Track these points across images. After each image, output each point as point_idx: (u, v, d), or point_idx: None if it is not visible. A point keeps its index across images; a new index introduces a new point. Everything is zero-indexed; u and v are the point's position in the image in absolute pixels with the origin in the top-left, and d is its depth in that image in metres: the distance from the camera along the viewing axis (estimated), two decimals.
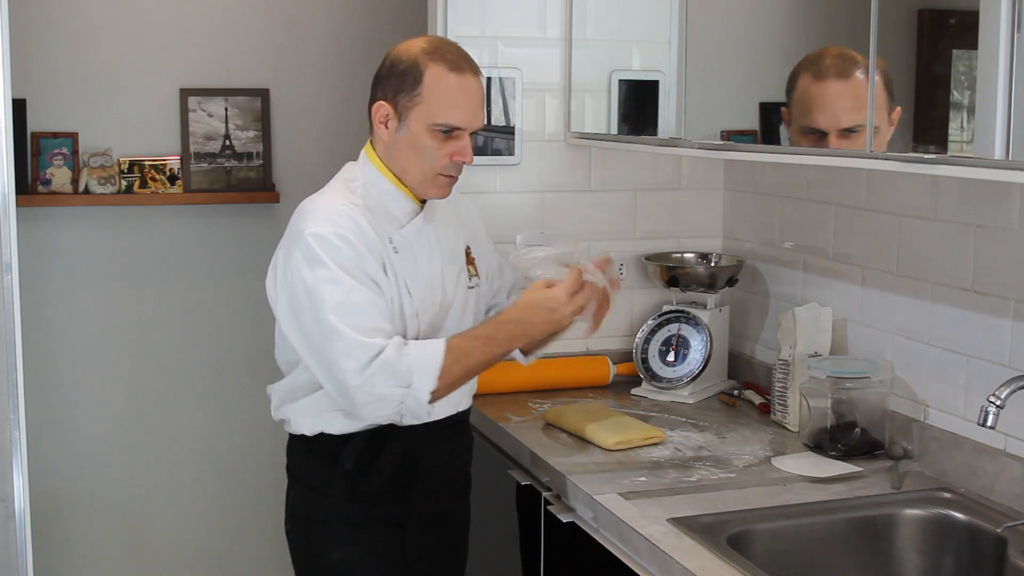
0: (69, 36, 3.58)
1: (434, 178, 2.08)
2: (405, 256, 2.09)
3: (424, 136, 2.05)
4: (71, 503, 3.72)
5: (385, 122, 2.08)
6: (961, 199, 2.13)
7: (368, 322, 1.97)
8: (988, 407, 1.78)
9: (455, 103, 2.04)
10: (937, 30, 1.81)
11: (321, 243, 1.99)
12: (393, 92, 2.07)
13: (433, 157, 2.06)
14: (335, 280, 1.97)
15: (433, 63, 2.03)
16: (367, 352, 1.94)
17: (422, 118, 2.04)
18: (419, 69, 2.04)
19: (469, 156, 2.07)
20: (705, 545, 1.81)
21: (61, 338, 3.67)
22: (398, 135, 2.07)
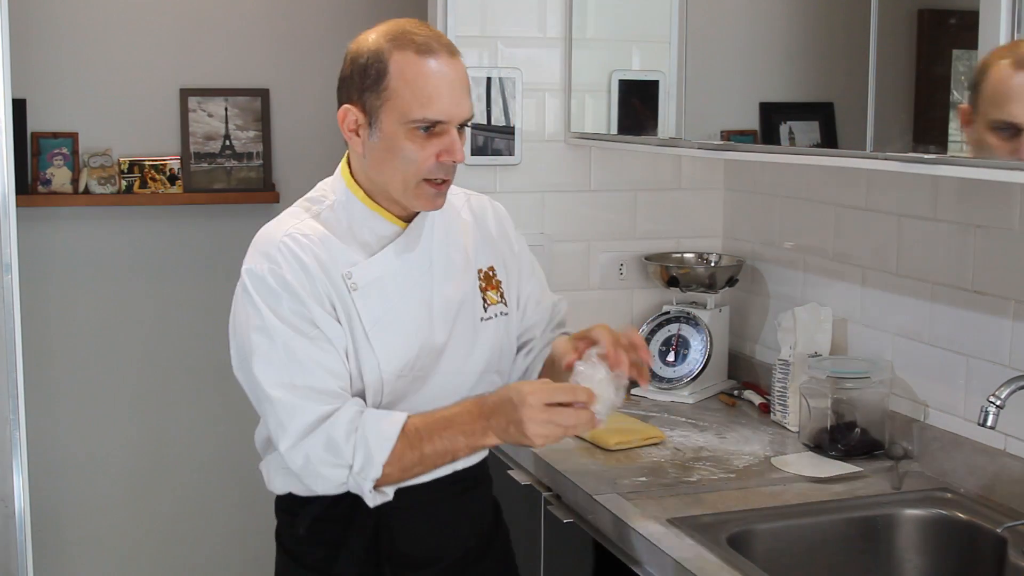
0: (69, 36, 3.58)
1: (418, 186, 1.73)
2: (368, 294, 1.75)
3: (401, 137, 1.70)
4: (71, 503, 3.72)
5: (355, 129, 1.75)
6: (961, 199, 2.13)
7: (309, 381, 1.68)
8: (988, 407, 1.78)
9: (431, 92, 1.69)
10: (937, 30, 1.81)
11: (255, 283, 1.72)
12: (357, 92, 1.73)
13: (415, 161, 1.71)
14: (267, 330, 1.69)
15: (397, 49, 1.70)
16: (302, 420, 1.67)
17: (395, 116, 1.70)
18: (382, 59, 1.71)
19: (459, 153, 1.72)
20: (705, 545, 1.81)
21: (61, 338, 3.67)
22: (372, 142, 1.73)
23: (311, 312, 1.71)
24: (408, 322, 1.78)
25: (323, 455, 1.67)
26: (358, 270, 1.75)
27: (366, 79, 1.72)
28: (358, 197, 1.79)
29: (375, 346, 1.75)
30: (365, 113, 1.73)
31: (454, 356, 1.82)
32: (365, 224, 1.79)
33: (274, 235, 1.75)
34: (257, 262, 1.73)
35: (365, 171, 1.78)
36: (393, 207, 1.79)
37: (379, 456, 1.66)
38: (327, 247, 1.75)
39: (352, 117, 1.76)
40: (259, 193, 3.76)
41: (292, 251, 1.72)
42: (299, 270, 1.71)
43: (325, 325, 1.71)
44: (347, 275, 1.74)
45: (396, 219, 1.80)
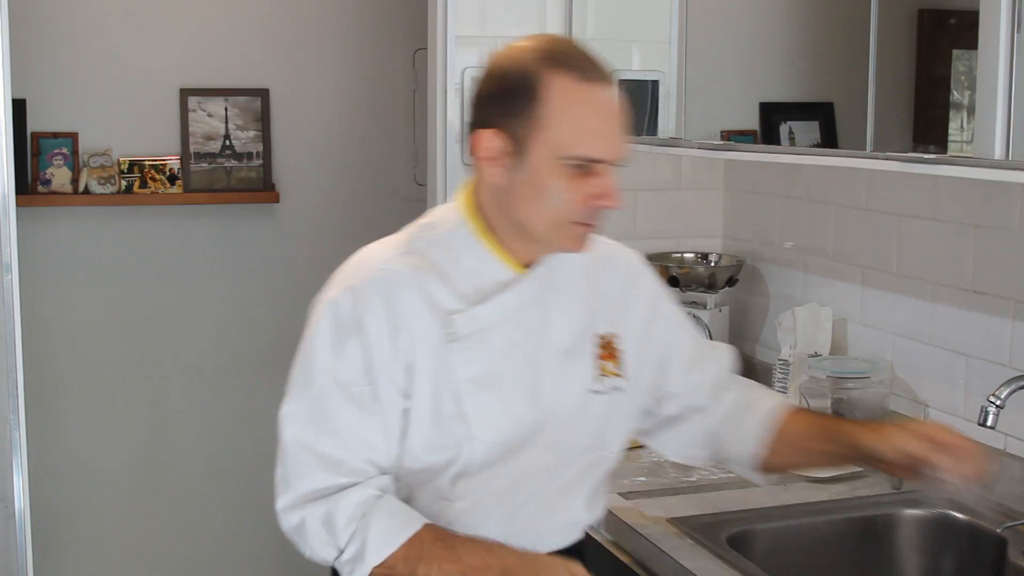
0: (69, 36, 3.58)
1: (565, 226, 1.49)
2: (469, 348, 1.51)
3: (550, 174, 1.46)
4: (71, 503, 3.72)
5: (494, 157, 1.48)
6: (961, 199, 2.13)
7: (331, 449, 1.49)
8: (988, 407, 1.78)
9: (592, 126, 1.46)
10: (937, 30, 1.81)
11: (327, 315, 1.51)
12: (502, 115, 1.47)
13: (565, 201, 1.47)
14: (312, 374, 1.51)
15: (555, 70, 1.46)
16: (309, 485, 1.50)
17: (547, 149, 1.45)
18: (536, 79, 1.45)
19: (614, 198, 1.48)
20: (705, 545, 1.81)
21: (61, 338, 3.67)
22: (516, 176, 1.47)
23: (373, 367, 1.49)
24: (509, 384, 1.54)
25: (318, 529, 1.49)
26: (462, 319, 1.51)
27: (514, 101, 1.46)
28: (477, 233, 1.55)
29: (469, 408, 1.51)
30: (510, 141, 1.47)
31: (554, 429, 1.58)
32: (478, 265, 1.55)
33: (369, 265, 1.54)
34: (339, 293, 1.52)
35: (500, 204, 1.52)
36: (519, 249, 1.55)
37: (372, 557, 1.46)
38: (427, 287, 1.52)
39: (490, 144, 1.48)
40: (259, 193, 3.76)
41: (384, 287, 1.50)
42: (382, 314, 1.49)
43: (384, 384, 1.50)
44: (447, 323, 1.51)
45: (515, 264, 1.56)
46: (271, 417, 2.29)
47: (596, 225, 1.52)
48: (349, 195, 3.85)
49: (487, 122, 1.49)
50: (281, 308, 3.79)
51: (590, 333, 1.62)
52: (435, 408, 1.51)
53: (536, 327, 1.57)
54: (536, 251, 1.56)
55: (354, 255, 1.60)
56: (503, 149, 1.48)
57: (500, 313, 1.54)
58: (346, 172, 3.87)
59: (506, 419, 1.54)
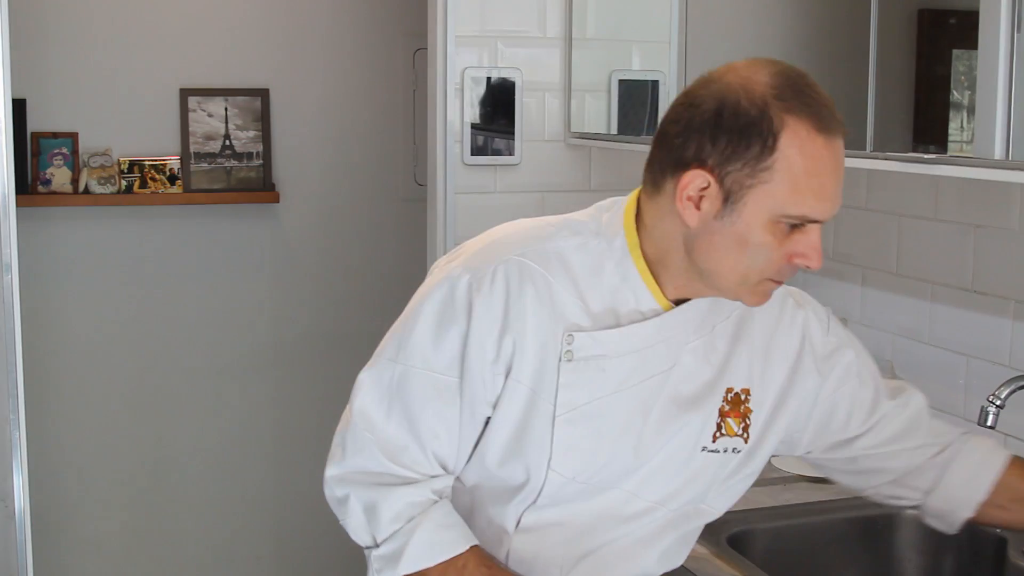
0: (69, 36, 3.58)
1: (759, 283, 1.34)
2: (580, 372, 1.36)
3: (762, 230, 1.29)
4: (71, 503, 3.72)
5: (698, 200, 1.30)
6: (961, 199, 2.13)
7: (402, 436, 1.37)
8: (988, 407, 1.78)
9: (821, 185, 1.28)
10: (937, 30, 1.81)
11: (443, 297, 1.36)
12: (723, 157, 1.28)
13: (767, 259, 1.31)
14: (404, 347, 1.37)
15: (793, 116, 1.26)
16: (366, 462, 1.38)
17: (767, 204, 1.27)
18: (770, 126, 1.26)
19: (818, 258, 1.31)
20: (705, 545, 1.80)
21: (61, 338, 3.67)
22: (718, 223, 1.30)
23: (470, 362, 1.35)
24: (611, 423, 1.39)
25: (360, 513, 1.39)
26: (584, 338, 1.36)
27: (745, 144, 1.27)
28: (632, 253, 1.38)
29: (556, 437, 1.37)
30: (722, 187, 1.29)
31: (650, 480, 1.44)
32: (621, 285, 1.38)
33: (506, 246, 1.38)
34: (461, 270, 1.37)
35: (681, 243, 1.35)
36: (678, 285, 1.39)
37: (408, 564, 1.36)
38: (558, 294, 1.36)
39: (700, 184, 1.30)
40: (259, 193, 3.76)
41: (508, 280, 1.35)
42: (499, 308, 1.34)
43: (475, 383, 1.36)
44: (568, 339, 1.35)
45: (662, 297, 1.39)
46: (271, 416, 2.29)
47: (782, 283, 1.38)
48: (349, 195, 3.85)
49: (700, 159, 1.29)
50: (281, 308, 3.80)
51: (722, 386, 1.45)
52: (523, 423, 1.37)
53: (662, 368, 1.40)
54: (699, 293, 1.39)
55: (492, 230, 1.44)
56: (712, 193, 1.29)
57: (628, 344, 1.37)
58: (346, 172, 3.87)
59: (594, 457, 1.39)
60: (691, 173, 1.30)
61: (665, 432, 1.42)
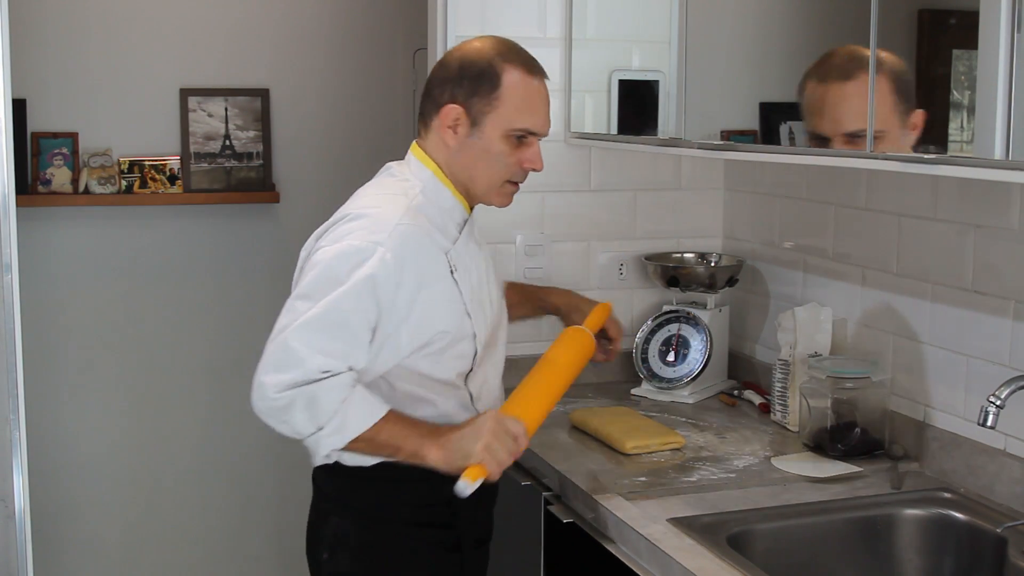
0: (69, 36, 3.58)
1: (502, 186, 1.99)
2: (464, 274, 1.97)
3: (498, 142, 1.94)
4: (71, 503, 3.72)
5: (454, 126, 1.95)
6: (961, 199, 2.13)
7: (334, 345, 1.82)
8: (988, 407, 1.78)
9: (532, 107, 1.95)
10: (937, 30, 1.81)
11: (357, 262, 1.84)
12: (466, 95, 1.93)
13: (505, 164, 1.96)
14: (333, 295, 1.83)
15: (510, 65, 1.94)
16: (303, 372, 1.80)
17: (499, 123, 1.93)
18: (496, 72, 1.93)
19: (540, 162, 1.98)
20: (705, 545, 1.81)
21: (61, 338, 3.67)
22: (469, 140, 1.95)
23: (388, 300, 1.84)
24: (485, 296, 2.01)
25: (302, 409, 1.80)
26: (453, 252, 1.95)
27: (478, 86, 1.93)
28: (445, 185, 1.98)
29: (474, 320, 1.95)
30: (469, 115, 1.94)
31: (503, 331, 2.10)
32: (451, 205, 1.98)
33: (388, 221, 1.87)
34: (365, 243, 1.84)
35: (450, 164, 1.97)
36: (465, 196, 2.00)
37: (352, 430, 1.82)
38: (432, 236, 1.91)
39: (455, 115, 1.94)
40: (259, 193, 3.76)
41: (404, 241, 1.85)
42: (409, 263, 1.85)
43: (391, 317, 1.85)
44: (449, 257, 1.93)
45: (466, 204, 2.01)
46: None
47: (519, 185, 2.01)
48: (349, 195, 3.84)
49: (451, 98, 1.94)
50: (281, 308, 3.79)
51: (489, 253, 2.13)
52: (456, 322, 1.92)
53: (478, 252, 2.04)
54: (470, 201, 2.01)
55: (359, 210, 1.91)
56: (461, 120, 1.94)
57: (469, 244, 2.00)
58: (346, 172, 3.86)
59: (488, 324, 2.01)
60: (447, 108, 1.94)
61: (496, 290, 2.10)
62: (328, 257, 1.86)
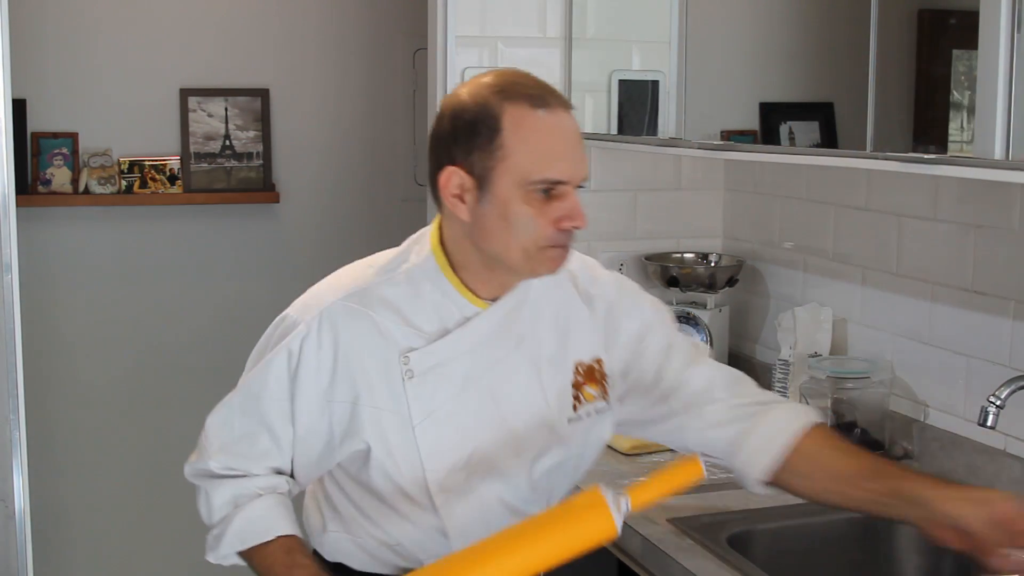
0: (69, 36, 3.58)
1: (540, 251, 1.51)
2: (423, 384, 1.55)
3: (517, 203, 1.48)
4: (71, 503, 3.72)
5: (460, 195, 1.50)
6: (961, 199, 2.13)
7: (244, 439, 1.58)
8: (988, 407, 1.78)
9: (551, 150, 1.49)
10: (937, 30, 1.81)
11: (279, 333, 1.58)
12: (463, 152, 1.49)
13: (535, 228, 1.49)
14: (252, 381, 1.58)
15: (511, 104, 1.48)
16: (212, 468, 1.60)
17: (510, 178, 1.47)
18: (493, 114, 1.48)
19: (581, 218, 1.52)
20: (705, 545, 1.81)
21: (61, 338, 3.67)
22: (482, 208, 1.49)
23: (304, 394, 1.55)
24: (466, 419, 1.57)
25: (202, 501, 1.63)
26: (417, 356, 1.54)
27: (475, 136, 1.48)
28: (442, 269, 1.56)
29: (420, 443, 1.55)
30: (473, 176, 1.49)
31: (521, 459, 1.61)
32: (441, 299, 1.56)
33: (326, 295, 1.57)
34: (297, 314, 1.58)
35: (468, 240, 1.54)
36: (488, 283, 1.57)
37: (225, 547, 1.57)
38: (384, 325, 1.54)
39: (456, 180, 1.50)
40: (259, 193, 3.76)
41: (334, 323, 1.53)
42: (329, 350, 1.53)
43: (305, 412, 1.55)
44: (404, 360, 1.54)
45: (478, 300, 1.57)
46: None
47: (567, 246, 1.55)
48: (349, 195, 3.85)
49: (448, 159, 1.50)
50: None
51: (571, 361, 1.64)
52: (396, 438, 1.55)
53: (501, 359, 1.58)
54: (509, 283, 1.58)
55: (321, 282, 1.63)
56: (467, 185, 1.50)
57: (457, 348, 1.56)
58: (346, 172, 3.87)
59: (460, 451, 1.57)
60: (446, 173, 1.50)
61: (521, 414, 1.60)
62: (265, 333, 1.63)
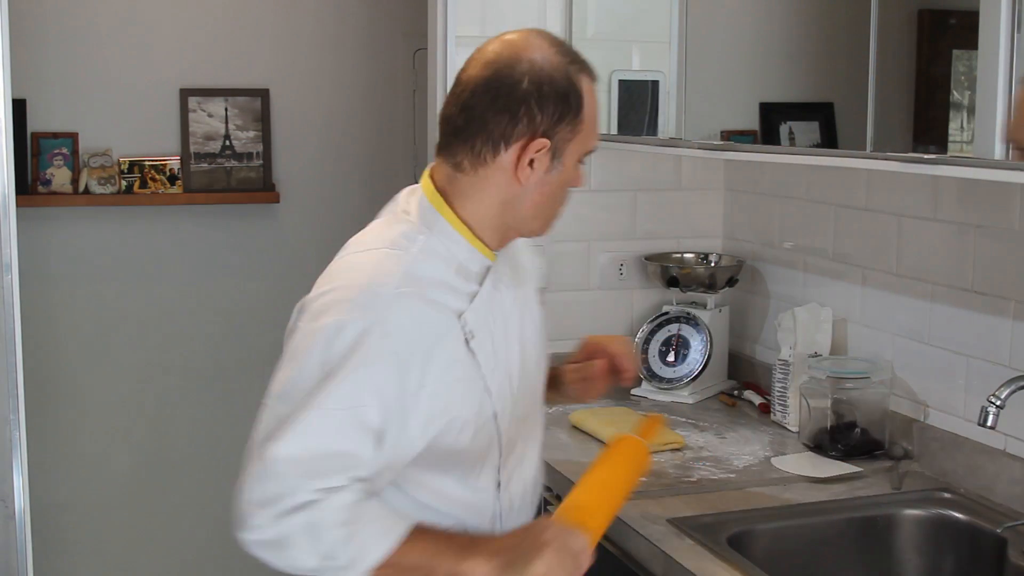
0: (69, 36, 3.58)
1: (556, 216, 1.62)
2: (483, 339, 1.54)
3: (573, 171, 1.56)
4: (71, 503, 3.72)
5: (532, 161, 1.51)
6: (961, 199, 2.13)
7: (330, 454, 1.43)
8: (988, 407, 1.78)
9: (597, 123, 1.58)
10: (937, 30, 1.81)
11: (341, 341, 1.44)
12: (551, 123, 1.50)
13: (566, 193, 1.59)
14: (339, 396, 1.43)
15: (584, 76, 1.53)
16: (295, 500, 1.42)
17: (578, 150, 1.54)
18: (577, 88, 1.51)
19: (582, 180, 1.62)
20: (705, 545, 1.81)
21: (61, 338, 3.67)
22: (548, 177, 1.53)
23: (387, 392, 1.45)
24: (511, 362, 1.60)
25: (301, 540, 1.44)
26: (470, 315, 1.52)
27: (566, 109, 1.50)
28: (454, 225, 1.55)
29: (493, 393, 1.55)
30: (551, 145, 1.51)
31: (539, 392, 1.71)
32: (470, 261, 1.55)
33: (378, 290, 1.47)
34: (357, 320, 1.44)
35: (508, 205, 1.55)
36: (491, 238, 1.58)
37: (369, 558, 1.43)
38: (441, 299, 1.50)
39: (538, 149, 1.50)
40: (259, 193, 3.76)
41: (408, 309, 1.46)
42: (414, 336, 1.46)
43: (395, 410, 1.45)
44: (463, 323, 1.51)
45: (489, 251, 1.58)
46: None
47: None
48: (349, 195, 3.85)
49: (532, 127, 1.49)
50: (281, 308, 3.76)
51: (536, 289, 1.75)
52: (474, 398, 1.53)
53: (512, 301, 1.63)
54: (510, 236, 1.61)
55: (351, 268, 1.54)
56: (545, 155, 1.51)
57: (493, 298, 1.57)
58: (346, 172, 3.87)
59: (513, 394, 1.60)
60: (537, 142, 1.49)
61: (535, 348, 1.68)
62: (308, 343, 1.47)
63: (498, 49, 1.53)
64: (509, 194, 1.53)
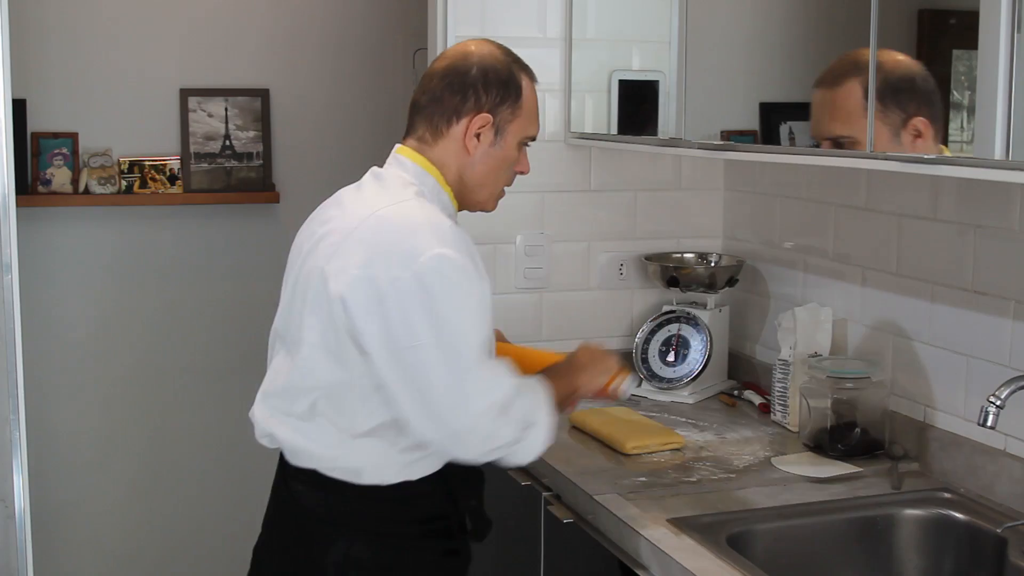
0: (69, 36, 3.58)
1: (500, 192, 2.00)
2: None
3: (513, 151, 1.95)
4: (71, 503, 3.72)
5: (478, 134, 1.90)
6: (961, 199, 2.13)
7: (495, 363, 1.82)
8: (988, 407, 1.78)
9: (536, 114, 1.98)
10: (937, 30, 1.81)
11: (455, 270, 1.76)
12: (493, 104, 1.90)
13: (510, 172, 1.98)
14: (475, 311, 1.77)
15: (524, 74, 1.95)
16: (502, 391, 1.78)
17: (518, 133, 1.93)
18: (517, 81, 1.93)
19: (528, 167, 2.01)
20: (705, 545, 1.81)
21: (61, 338, 3.67)
22: (491, 150, 1.92)
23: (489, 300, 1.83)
24: None
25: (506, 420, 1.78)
26: None
27: (506, 94, 1.91)
28: (445, 191, 1.92)
29: None
30: (494, 124, 1.91)
31: None
32: (452, 212, 1.93)
33: (443, 225, 1.81)
34: (446, 250, 1.75)
35: (463, 172, 1.93)
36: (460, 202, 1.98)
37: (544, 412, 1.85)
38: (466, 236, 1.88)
39: (484, 124, 1.90)
40: (259, 193, 3.76)
41: (464, 239, 1.81)
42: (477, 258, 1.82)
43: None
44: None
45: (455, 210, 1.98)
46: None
47: None
48: None
49: (476, 106, 1.89)
50: None
51: None
52: None
53: None
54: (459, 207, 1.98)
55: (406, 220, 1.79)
56: (487, 130, 1.90)
57: None
58: (346, 172, 3.84)
59: None
60: (480, 116, 1.89)
61: None
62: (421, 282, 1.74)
63: (455, 50, 1.96)
64: (461, 163, 1.91)
